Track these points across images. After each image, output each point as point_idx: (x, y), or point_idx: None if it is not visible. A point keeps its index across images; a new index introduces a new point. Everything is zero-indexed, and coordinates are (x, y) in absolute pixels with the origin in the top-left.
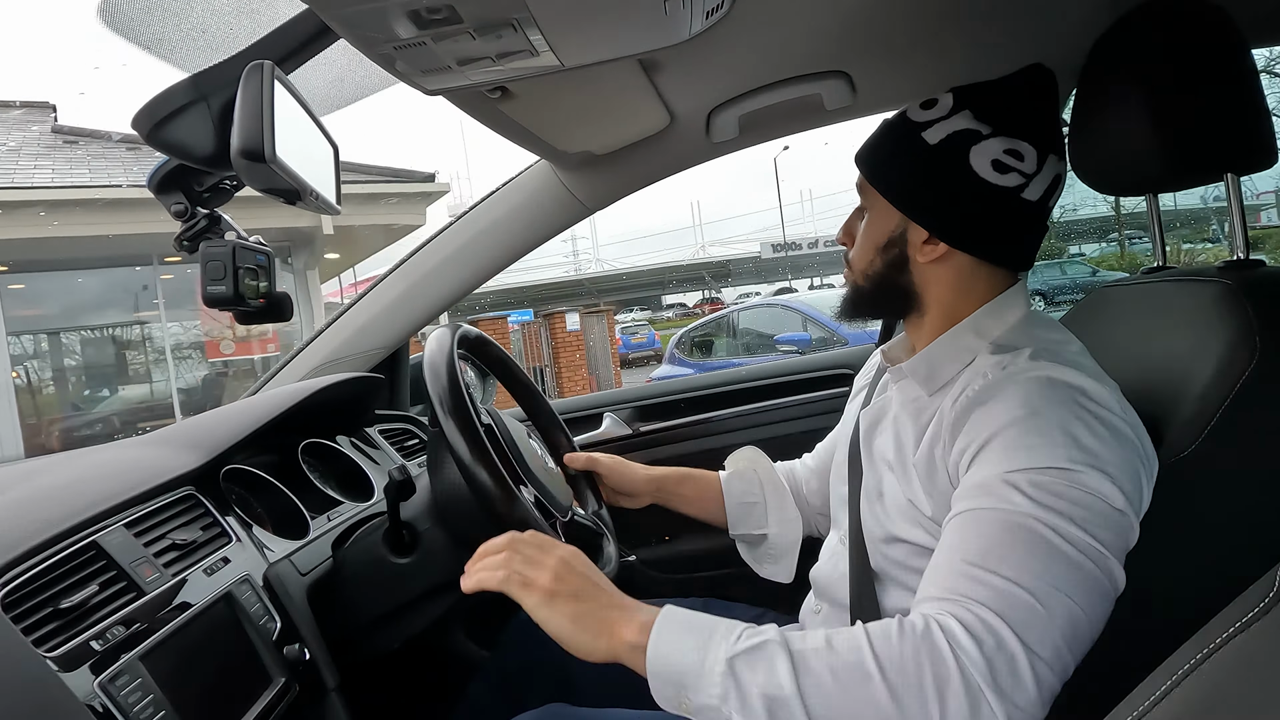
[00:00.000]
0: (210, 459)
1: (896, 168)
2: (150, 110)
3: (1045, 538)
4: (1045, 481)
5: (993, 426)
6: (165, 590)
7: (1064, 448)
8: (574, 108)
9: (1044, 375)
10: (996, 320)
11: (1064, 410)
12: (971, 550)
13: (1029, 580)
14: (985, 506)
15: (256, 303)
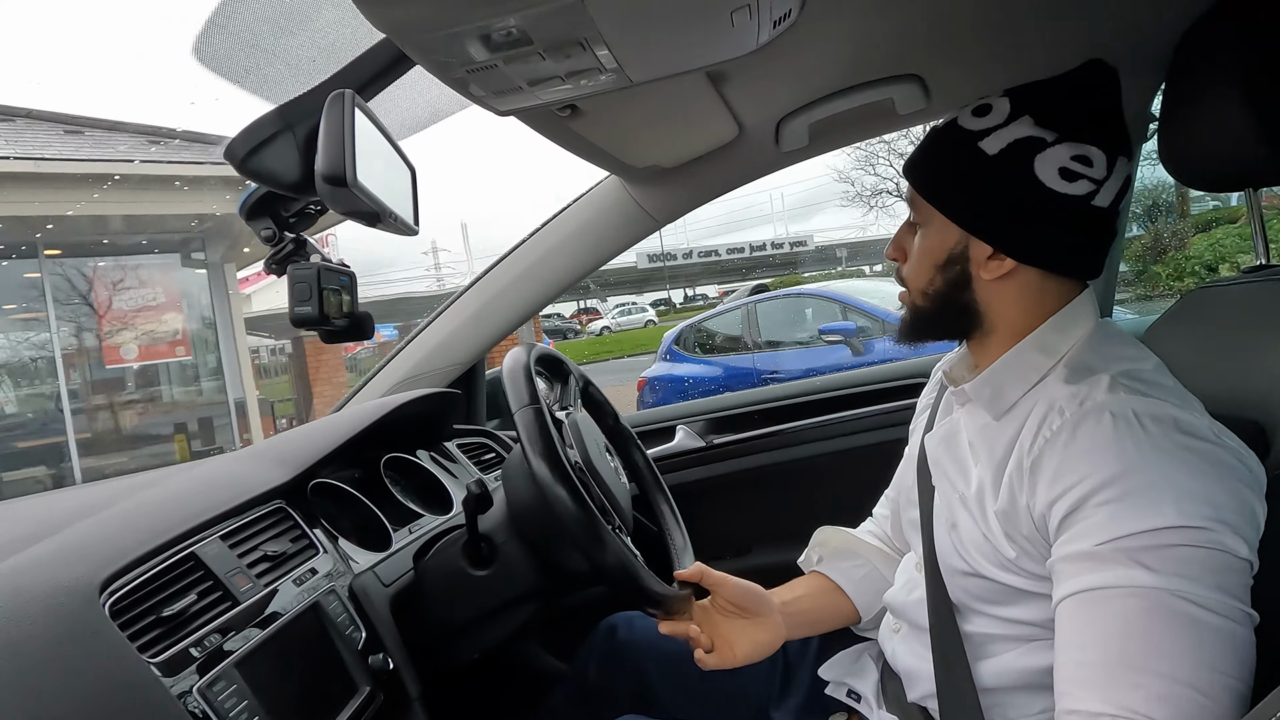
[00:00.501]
0: (299, 473)
1: (954, 181)
2: (241, 141)
3: (1185, 614)
4: (1164, 545)
5: (1086, 481)
6: (258, 600)
7: (1172, 502)
8: (642, 122)
9: (1128, 410)
10: (1063, 335)
11: (1160, 454)
12: (1109, 645)
13: (1186, 671)
14: (1108, 586)
15: (340, 321)
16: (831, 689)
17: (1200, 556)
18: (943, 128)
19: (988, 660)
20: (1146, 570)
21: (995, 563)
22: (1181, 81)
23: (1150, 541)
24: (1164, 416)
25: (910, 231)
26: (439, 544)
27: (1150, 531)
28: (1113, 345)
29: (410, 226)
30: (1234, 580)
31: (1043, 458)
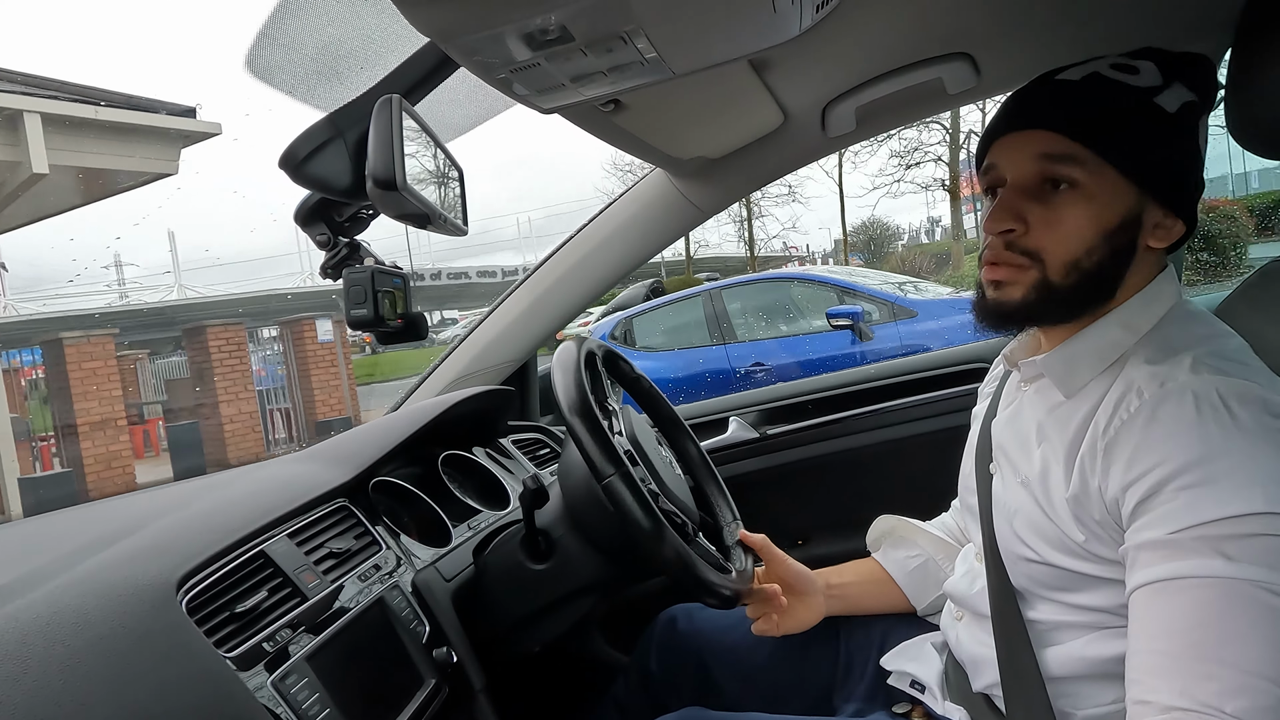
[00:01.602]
0: (360, 472)
1: (1136, 138)
2: (294, 150)
3: (1266, 604)
4: (1246, 533)
5: (1165, 462)
6: (325, 595)
7: (1260, 485)
8: (686, 114)
9: (1213, 391)
10: (1147, 312)
11: (1247, 437)
12: (1184, 635)
13: (1263, 664)
14: (1183, 575)
15: (395, 323)
16: (895, 679)
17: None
18: (1096, 80)
19: (1054, 648)
20: (1226, 560)
21: (1059, 547)
22: (1249, 46)
23: (1233, 530)
24: (1251, 397)
25: (1034, 197)
26: (498, 539)
27: (1234, 519)
28: (1195, 324)
29: (460, 227)
30: None
31: (1119, 439)
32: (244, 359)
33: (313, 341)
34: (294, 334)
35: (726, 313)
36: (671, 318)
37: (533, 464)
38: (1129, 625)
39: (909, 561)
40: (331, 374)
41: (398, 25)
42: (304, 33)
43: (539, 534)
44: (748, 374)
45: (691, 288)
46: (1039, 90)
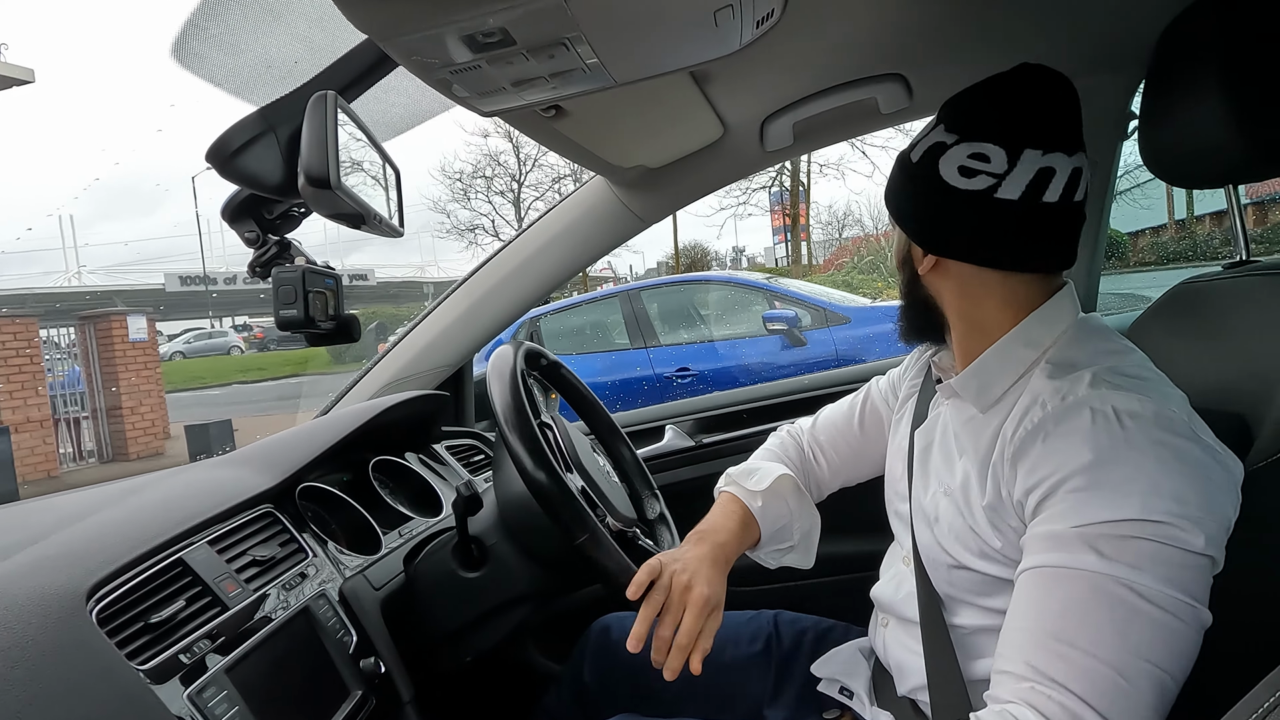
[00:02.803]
0: (286, 477)
1: (893, 188)
2: (222, 144)
3: (1125, 600)
4: (1121, 536)
5: (1060, 469)
6: (247, 605)
7: (1139, 495)
8: (627, 123)
9: (1108, 406)
10: (1046, 329)
11: (1134, 449)
12: (1048, 617)
13: (1111, 653)
14: (1059, 565)
15: (327, 324)
16: (824, 685)
17: (1154, 550)
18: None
19: (975, 651)
20: (1099, 556)
21: (978, 553)
22: (1161, 79)
23: (1110, 531)
24: (1142, 413)
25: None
26: (429, 546)
27: (1112, 522)
28: (1096, 340)
29: (395, 228)
30: (1186, 576)
31: (1023, 448)
32: (35, 358)
33: (123, 341)
34: (99, 332)
35: (647, 314)
36: (584, 319)
37: (467, 470)
38: (1010, 605)
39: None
40: (144, 377)
41: (335, 21)
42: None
43: (472, 542)
44: (672, 379)
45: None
46: None
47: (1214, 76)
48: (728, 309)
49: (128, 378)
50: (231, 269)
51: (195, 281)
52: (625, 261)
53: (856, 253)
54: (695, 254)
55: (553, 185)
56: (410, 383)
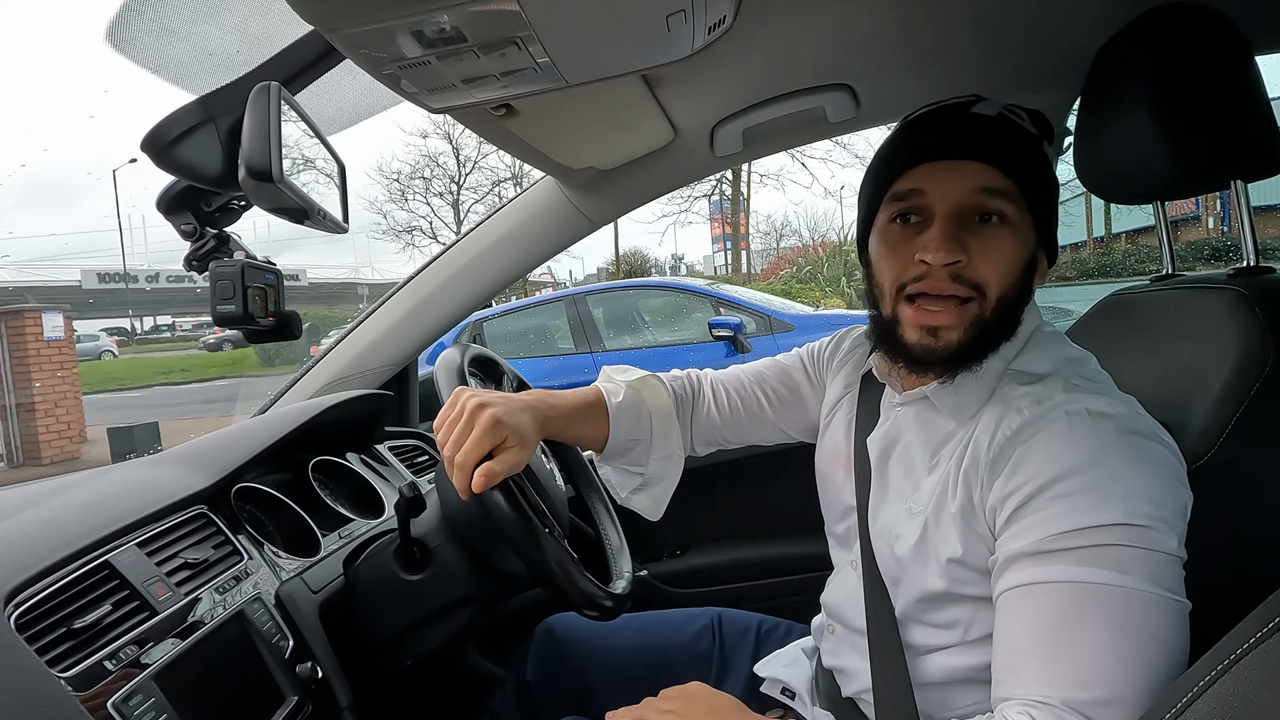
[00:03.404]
0: (221, 478)
1: (1041, 181)
2: (159, 132)
3: (1118, 606)
4: (1105, 542)
5: (1039, 475)
6: (178, 609)
7: (1119, 499)
8: (578, 124)
9: (1082, 408)
10: (1014, 338)
11: (1109, 452)
12: (1046, 636)
13: (1114, 661)
14: (1047, 580)
15: (266, 321)
16: (767, 686)
17: (1138, 554)
18: (1006, 122)
19: (923, 658)
20: (1085, 565)
21: (938, 569)
22: (1095, 97)
23: (1094, 539)
24: (1112, 413)
25: (964, 229)
26: (370, 549)
27: (1095, 528)
28: (1057, 346)
29: (339, 224)
30: (1168, 573)
31: (1003, 454)
32: None
33: (37, 339)
34: (10, 329)
35: (593, 319)
36: (529, 323)
37: (411, 471)
38: (995, 626)
39: (632, 433)
40: (60, 378)
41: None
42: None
43: (414, 544)
44: None
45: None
46: (974, 124)
47: (1144, 96)
48: (673, 315)
49: (42, 378)
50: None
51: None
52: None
53: (795, 262)
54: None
55: (493, 188)
56: (353, 382)
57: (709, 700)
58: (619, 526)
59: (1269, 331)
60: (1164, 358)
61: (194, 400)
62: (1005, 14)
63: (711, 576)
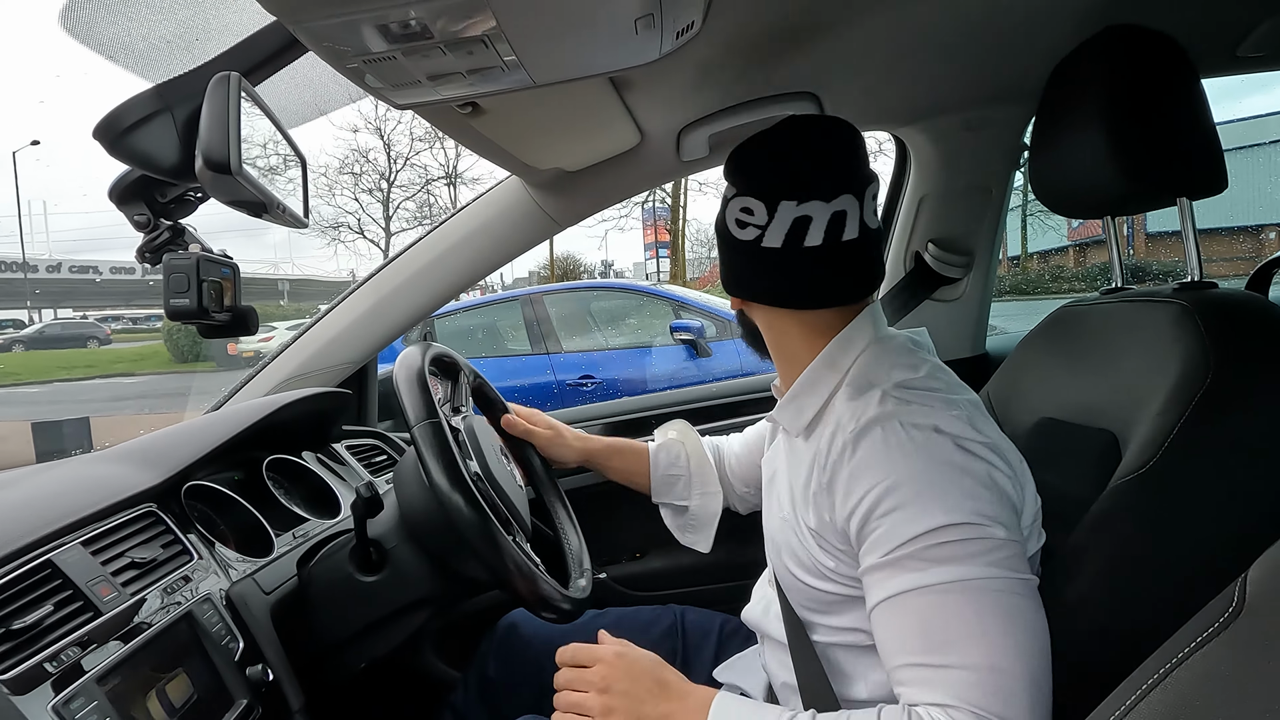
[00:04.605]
0: (171, 475)
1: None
2: (113, 120)
3: (966, 599)
4: (937, 544)
5: (869, 494)
6: (123, 610)
7: (937, 501)
8: (545, 125)
9: (895, 420)
10: (845, 351)
11: (923, 461)
12: (911, 644)
13: (979, 652)
14: (898, 592)
15: (221, 316)
16: (726, 690)
17: (969, 547)
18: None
19: (839, 668)
20: (926, 570)
21: (815, 574)
22: (1049, 114)
23: (926, 543)
24: (925, 424)
25: None
26: (325, 549)
27: (924, 534)
28: (888, 356)
29: (299, 218)
30: (1003, 556)
31: (834, 475)
32: None
33: None
34: None
35: (550, 320)
36: (483, 321)
37: (369, 471)
38: (876, 639)
39: (671, 469)
40: None
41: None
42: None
43: (371, 544)
44: (574, 386)
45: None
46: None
47: (1096, 114)
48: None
49: None
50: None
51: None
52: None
53: None
54: (568, 264)
55: (424, 186)
56: (310, 379)
57: (628, 668)
58: (579, 529)
59: (1210, 344)
60: (1111, 368)
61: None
62: (964, 31)
63: (670, 580)
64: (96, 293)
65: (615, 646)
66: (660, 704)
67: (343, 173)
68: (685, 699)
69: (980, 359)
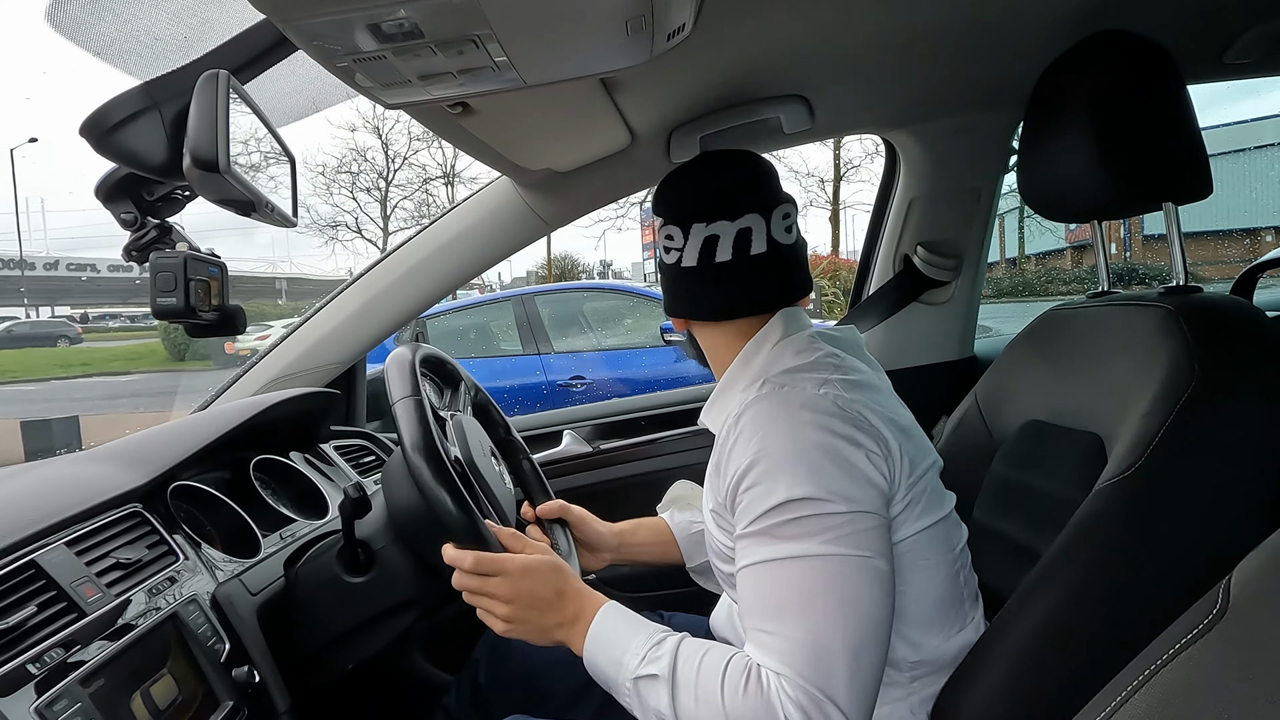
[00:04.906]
0: (157, 475)
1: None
2: (99, 117)
3: (799, 576)
4: (779, 520)
5: (735, 473)
6: (108, 611)
7: (784, 479)
8: (535, 125)
9: (761, 407)
10: (755, 353)
11: (779, 442)
12: (757, 611)
13: (807, 628)
14: (752, 562)
15: (209, 315)
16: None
17: (810, 523)
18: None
19: None
20: (769, 545)
21: (722, 559)
22: (1038, 119)
23: (771, 519)
24: (790, 404)
25: None
26: (313, 550)
27: (769, 510)
28: (786, 350)
29: (288, 217)
30: (844, 533)
31: (719, 456)
32: None
33: None
34: None
35: (541, 320)
36: (475, 322)
37: (357, 471)
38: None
39: (691, 526)
40: None
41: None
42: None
43: (358, 545)
44: (565, 387)
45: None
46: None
47: (1083, 120)
48: (623, 318)
49: None
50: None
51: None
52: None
53: None
54: (565, 264)
55: (422, 185)
56: (299, 379)
57: (531, 583)
58: (567, 531)
59: (1194, 348)
60: (1098, 370)
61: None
62: (953, 36)
63: (658, 581)
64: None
65: (521, 560)
66: (557, 613)
67: (340, 171)
68: (581, 607)
69: (968, 361)
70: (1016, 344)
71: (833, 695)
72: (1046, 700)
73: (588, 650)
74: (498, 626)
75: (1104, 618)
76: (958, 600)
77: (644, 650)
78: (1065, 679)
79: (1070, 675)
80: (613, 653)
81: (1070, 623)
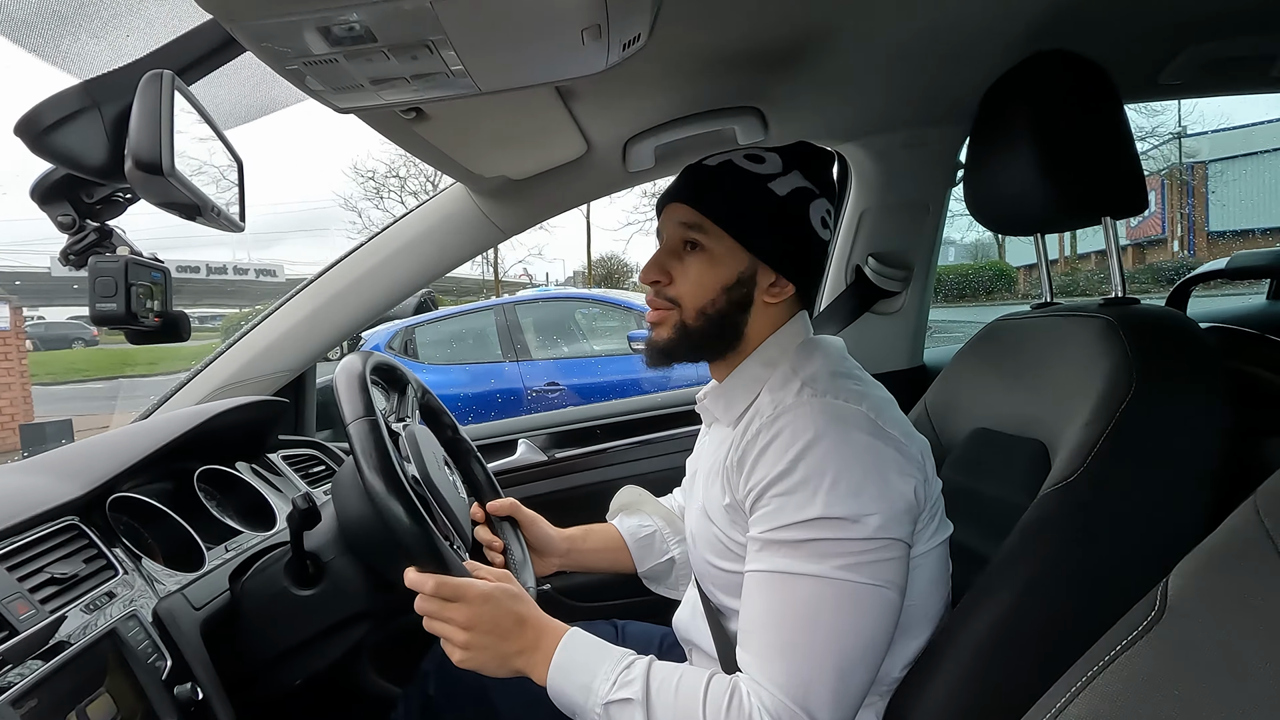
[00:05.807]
0: (95, 487)
1: (749, 214)
2: (36, 116)
3: (812, 596)
4: (807, 536)
5: (767, 475)
6: (41, 629)
7: (822, 493)
8: (490, 132)
9: (804, 412)
10: (778, 349)
11: (822, 449)
12: (756, 618)
13: (802, 648)
14: (762, 569)
15: (151, 322)
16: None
17: (836, 544)
18: (727, 167)
19: None
20: (790, 557)
21: (728, 556)
22: (982, 135)
23: (800, 534)
24: (837, 415)
25: (676, 256)
26: (259, 563)
27: (799, 523)
28: (815, 355)
29: (235, 222)
30: (868, 561)
31: (744, 455)
32: None
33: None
34: None
35: (520, 328)
36: (458, 330)
37: (305, 482)
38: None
39: (640, 530)
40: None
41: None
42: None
43: (307, 557)
44: (540, 393)
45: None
46: (686, 174)
47: (1026, 135)
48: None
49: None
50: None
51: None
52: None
53: None
54: (612, 264)
55: None
56: (246, 387)
57: (493, 610)
58: (522, 541)
59: (1133, 357)
60: (1038, 382)
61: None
62: (902, 54)
63: (614, 590)
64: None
65: (481, 586)
66: (517, 640)
67: (390, 176)
68: (540, 635)
69: (918, 370)
70: (964, 353)
71: (814, 713)
72: (997, 701)
73: (552, 677)
74: (455, 655)
75: (1050, 620)
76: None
77: (614, 674)
78: (1014, 681)
79: (1019, 677)
80: (580, 678)
81: (1018, 625)
